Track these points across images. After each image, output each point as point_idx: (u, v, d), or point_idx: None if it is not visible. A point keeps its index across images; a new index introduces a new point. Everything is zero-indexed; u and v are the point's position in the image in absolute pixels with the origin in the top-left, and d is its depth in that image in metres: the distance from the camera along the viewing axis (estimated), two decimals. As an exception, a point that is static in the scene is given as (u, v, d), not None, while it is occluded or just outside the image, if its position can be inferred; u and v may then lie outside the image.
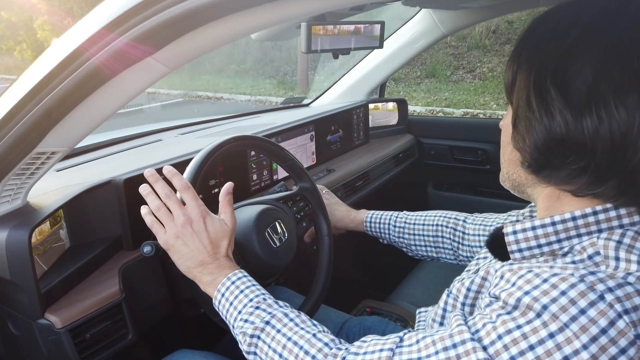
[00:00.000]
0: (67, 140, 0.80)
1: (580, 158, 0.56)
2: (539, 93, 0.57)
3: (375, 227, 1.18)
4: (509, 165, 0.68)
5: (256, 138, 1.07)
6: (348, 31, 1.22)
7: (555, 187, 0.62)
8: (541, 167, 0.60)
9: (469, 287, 0.71)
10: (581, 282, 0.51)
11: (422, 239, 1.12)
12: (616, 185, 0.56)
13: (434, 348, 0.59)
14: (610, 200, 0.58)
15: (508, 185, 0.71)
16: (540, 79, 0.57)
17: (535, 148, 0.59)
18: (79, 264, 0.90)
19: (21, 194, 0.88)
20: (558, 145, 0.57)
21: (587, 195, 0.58)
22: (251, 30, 0.65)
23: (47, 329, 0.81)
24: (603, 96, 0.53)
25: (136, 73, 0.70)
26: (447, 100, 7.93)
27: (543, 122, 0.57)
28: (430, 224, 1.11)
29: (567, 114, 0.54)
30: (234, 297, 0.77)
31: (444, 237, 1.09)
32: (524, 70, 0.60)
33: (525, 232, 0.63)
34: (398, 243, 1.16)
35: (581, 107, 0.54)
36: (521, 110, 0.60)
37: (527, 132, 0.59)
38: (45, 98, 0.70)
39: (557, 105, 0.55)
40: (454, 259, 1.09)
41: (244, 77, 11.21)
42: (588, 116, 0.54)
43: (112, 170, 1.06)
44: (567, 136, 0.55)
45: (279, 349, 0.69)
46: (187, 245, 0.80)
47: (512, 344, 0.53)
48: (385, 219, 1.17)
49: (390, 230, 1.16)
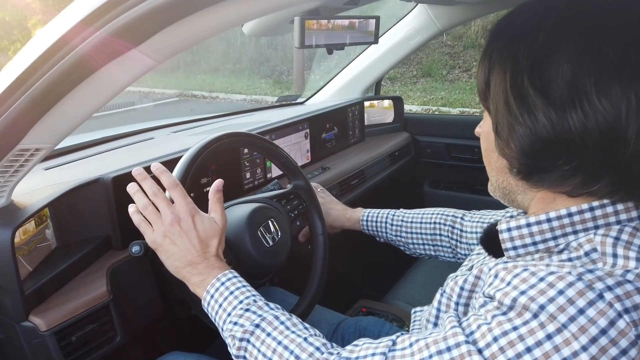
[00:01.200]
0: (51, 137, 0.77)
1: (572, 157, 0.54)
2: (517, 95, 0.55)
3: (372, 225, 1.16)
4: (497, 173, 0.66)
5: (249, 135, 1.05)
6: (342, 26, 1.19)
7: (548, 190, 0.60)
8: (531, 172, 0.58)
9: (462, 286, 0.69)
10: (579, 281, 0.50)
11: (419, 237, 1.10)
12: (611, 181, 0.54)
13: (427, 352, 0.57)
14: (607, 197, 0.56)
15: (499, 194, 0.69)
16: (517, 81, 0.55)
17: (522, 153, 0.57)
18: (65, 265, 0.88)
19: (5, 193, 0.85)
20: (546, 146, 0.54)
21: (582, 194, 0.56)
22: (241, 19, 0.63)
23: (31, 332, 0.78)
24: (585, 90, 0.51)
25: (122, 65, 0.67)
26: (443, 99, 7.93)
27: (527, 124, 0.54)
28: (428, 222, 1.09)
29: (551, 113, 0.52)
30: (223, 299, 0.74)
31: (442, 235, 1.07)
32: (496, 73, 0.58)
33: (520, 229, 0.61)
34: (395, 242, 1.14)
35: (564, 104, 0.52)
36: (501, 115, 0.58)
37: (510, 137, 0.57)
38: (27, 91, 0.68)
39: (539, 106, 0.53)
40: (452, 257, 1.07)
41: (239, 76, 11.17)
42: (573, 112, 0.52)
43: (101, 168, 1.03)
44: (555, 136, 0.53)
45: (269, 353, 0.67)
46: (176, 244, 0.77)
47: (508, 347, 0.51)
48: (381, 218, 1.14)
49: (387, 228, 1.14)
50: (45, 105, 0.70)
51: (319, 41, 1.16)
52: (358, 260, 1.96)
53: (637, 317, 0.48)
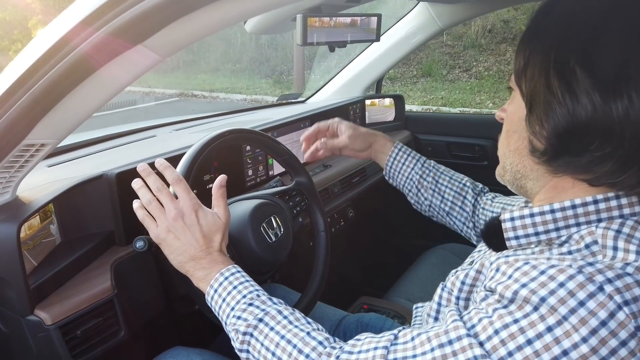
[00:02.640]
0: (56, 132, 0.78)
1: (606, 144, 0.53)
2: (561, 75, 0.54)
3: (401, 157, 1.08)
4: (513, 155, 0.65)
5: (252, 132, 1.05)
6: (344, 24, 1.20)
7: (570, 176, 0.59)
8: (558, 154, 0.57)
9: (463, 281, 0.69)
10: (579, 274, 0.50)
11: (444, 188, 1.04)
12: (637, 173, 0.53)
13: (429, 345, 0.57)
14: (626, 189, 0.55)
15: (508, 178, 0.68)
16: (563, 61, 0.54)
17: (555, 133, 0.55)
18: (69, 260, 0.88)
19: (10, 188, 0.86)
20: (582, 130, 0.53)
21: (604, 184, 0.56)
22: (244, 15, 0.63)
23: (36, 326, 0.79)
24: (634, 78, 0.50)
25: (126, 61, 0.68)
26: (444, 99, 7.94)
27: (566, 104, 0.53)
28: (458, 180, 1.04)
29: (596, 96, 0.51)
30: (226, 293, 0.75)
31: (466, 197, 1.02)
32: (539, 53, 0.57)
33: (523, 219, 0.61)
34: (415, 183, 1.06)
35: (611, 90, 0.51)
36: (538, 94, 0.57)
37: (545, 117, 0.56)
38: (33, 87, 0.68)
39: (584, 87, 0.52)
40: (461, 225, 1.04)
41: (240, 76, 11.18)
42: (618, 99, 0.51)
43: (104, 165, 1.04)
44: (594, 120, 0.52)
45: (272, 347, 0.67)
46: (179, 239, 0.78)
47: (509, 339, 0.51)
48: (414, 155, 1.08)
49: (415, 165, 1.06)
50: (50, 102, 0.71)
51: (321, 39, 1.16)
52: (359, 258, 1.97)
53: (636, 309, 0.48)
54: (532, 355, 0.50)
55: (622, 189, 0.55)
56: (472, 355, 0.53)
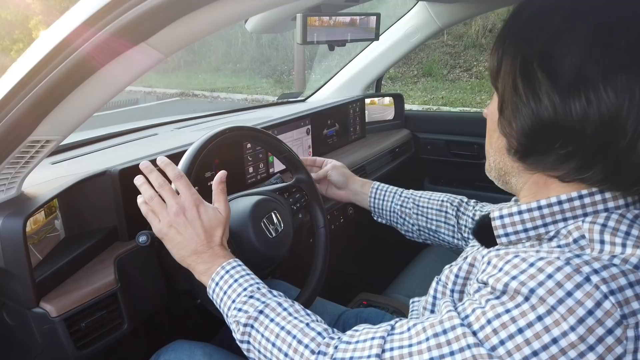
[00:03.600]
0: (61, 128, 0.80)
1: (569, 142, 0.55)
2: (525, 77, 0.57)
3: (380, 194, 1.16)
4: (495, 153, 0.68)
5: (252, 129, 1.07)
6: (344, 23, 1.22)
7: (542, 173, 0.61)
8: (528, 153, 0.60)
9: (457, 274, 0.71)
10: (567, 265, 0.52)
11: (425, 211, 1.10)
12: (603, 169, 0.55)
13: (424, 334, 0.59)
14: (597, 184, 0.57)
15: (493, 174, 0.71)
16: (527, 63, 0.56)
17: (523, 133, 0.58)
18: (74, 254, 0.90)
19: (15, 184, 0.88)
20: (546, 129, 0.56)
21: (575, 180, 0.58)
22: (246, 14, 0.65)
23: (42, 318, 0.81)
24: (591, 79, 0.52)
25: (129, 59, 0.69)
26: (444, 99, 7.95)
27: (530, 106, 0.56)
28: (436, 199, 1.10)
29: (555, 97, 0.54)
30: (227, 286, 0.77)
31: (448, 213, 1.07)
32: (509, 54, 0.59)
33: (511, 216, 0.63)
34: (398, 214, 1.14)
35: (569, 90, 0.53)
36: (507, 95, 0.59)
37: (513, 117, 0.58)
38: (38, 85, 0.70)
39: (545, 89, 0.54)
40: (451, 240, 1.08)
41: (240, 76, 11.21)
42: (577, 99, 0.53)
43: (107, 162, 1.06)
44: (555, 120, 0.55)
45: (272, 338, 0.69)
46: (181, 233, 0.80)
47: (501, 328, 0.53)
48: (391, 189, 1.16)
49: (394, 199, 1.14)
50: (55, 99, 0.73)
51: (321, 37, 1.18)
52: (359, 254, 1.98)
53: (622, 298, 0.50)
54: (523, 344, 0.51)
55: (592, 184, 0.57)
56: (466, 344, 0.55)
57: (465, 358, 0.54)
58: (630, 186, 0.56)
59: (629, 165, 0.54)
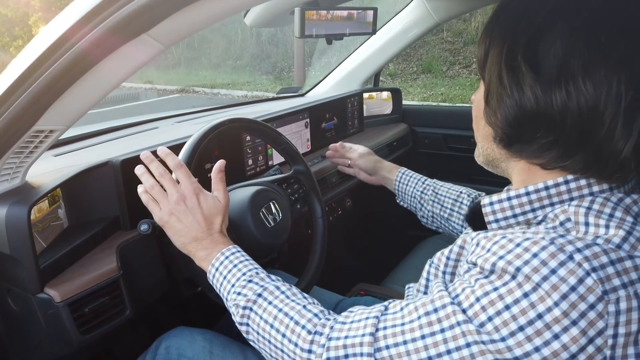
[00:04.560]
0: (65, 118, 0.82)
1: (550, 132, 0.58)
2: (510, 68, 0.59)
3: (405, 179, 1.25)
4: (483, 140, 0.70)
5: (251, 121, 1.09)
6: (341, 17, 1.24)
7: (526, 161, 0.64)
8: (512, 141, 0.62)
9: (448, 256, 0.74)
10: (551, 245, 0.54)
11: (442, 199, 1.17)
12: (583, 158, 0.58)
13: (416, 313, 0.62)
14: (578, 172, 0.59)
15: (482, 160, 0.73)
16: (512, 55, 0.58)
17: (507, 123, 0.60)
18: (77, 242, 0.92)
19: (20, 173, 0.90)
20: (528, 119, 0.58)
21: (556, 168, 0.60)
22: (244, 5, 0.67)
23: (46, 303, 0.83)
24: (572, 72, 0.54)
25: (131, 50, 0.71)
26: (443, 95, 7.97)
27: (514, 97, 0.58)
28: (456, 190, 1.17)
29: (537, 89, 0.56)
30: (227, 271, 0.79)
31: (462, 204, 1.13)
32: (496, 45, 0.61)
33: (501, 202, 0.65)
34: (418, 198, 1.22)
35: (551, 83, 0.55)
36: (493, 85, 0.62)
37: (498, 107, 0.61)
38: (42, 76, 0.72)
39: (528, 81, 0.57)
40: (460, 229, 1.13)
41: (240, 73, 11.22)
42: (557, 91, 0.55)
43: (109, 153, 1.08)
44: (537, 111, 0.57)
45: (270, 320, 0.71)
46: (181, 221, 0.82)
47: (489, 305, 0.55)
48: (416, 176, 1.25)
49: (417, 185, 1.23)
50: (59, 89, 0.75)
51: (319, 31, 1.20)
52: (357, 246, 2.01)
53: (603, 275, 0.52)
54: (510, 319, 0.53)
55: (574, 172, 0.60)
56: (455, 321, 0.57)
57: (455, 334, 0.57)
58: (610, 174, 0.58)
59: (608, 154, 0.56)
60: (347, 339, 0.65)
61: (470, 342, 0.56)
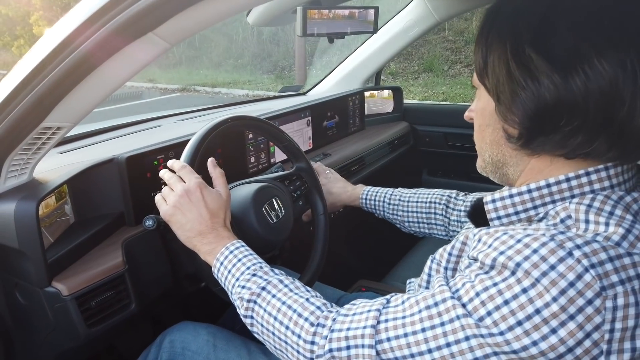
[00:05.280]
0: (72, 115, 0.83)
1: (574, 118, 0.57)
2: (520, 63, 0.59)
3: (370, 203, 1.22)
4: (491, 147, 0.70)
5: (254, 118, 1.10)
6: (343, 16, 1.25)
7: (547, 154, 0.63)
8: (534, 135, 0.61)
9: (450, 252, 0.75)
10: (551, 241, 0.55)
11: (415, 215, 1.16)
12: (606, 139, 0.57)
13: (417, 307, 0.63)
14: (601, 156, 0.59)
15: (489, 169, 0.73)
16: (518, 50, 0.59)
17: (526, 117, 0.60)
18: (83, 238, 0.94)
19: (27, 170, 0.91)
20: (550, 109, 0.58)
21: (579, 155, 0.60)
22: (248, 5, 0.68)
23: (54, 297, 0.84)
24: (585, 55, 0.55)
25: (138, 48, 0.73)
26: (445, 94, 7.96)
27: (530, 89, 0.58)
28: (424, 201, 1.15)
29: (555, 77, 0.56)
30: (232, 265, 0.80)
31: (437, 214, 1.13)
32: (495, 49, 0.62)
33: (503, 200, 0.66)
34: (392, 219, 1.20)
35: (567, 68, 0.56)
36: (502, 84, 0.62)
37: (514, 103, 0.60)
38: (51, 73, 0.74)
39: (543, 70, 0.57)
40: (445, 235, 1.13)
41: (241, 72, 11.22)
42: (576, 75, 0.55)
43: (113, 151, 1.09)
44: (557, 98, 0.57)
45: (274, 312, 0.73)
46: (186, 215, 0.84)
47: (488, 300, 0.56)
48: (380, 196, 1.21)
49: (384, 206, 1.20)
50: (66, 87, 0.76)
51: (321, 30, 1.21)
52: (358, 244, 2.02)
53: (602, 272, 0.53)
54: (509, 314, 0.54)
55: (596, 157, 0.60)
56: (455, 315, 0.58)
57: (455, 328, 0.58)
58: (632, 151, 0.59)
59: (630, 133, 0.57)
60: (349, 331, 0.66)
61: (469, 335, 0.57)
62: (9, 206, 0.83)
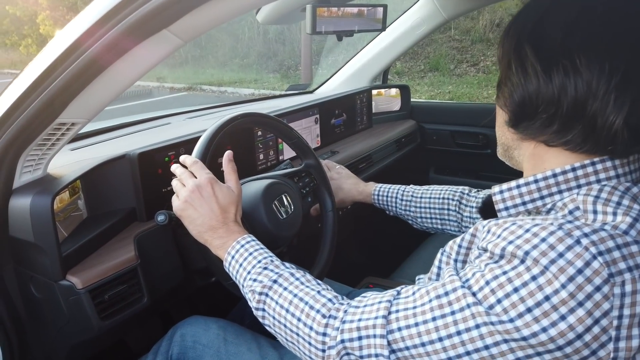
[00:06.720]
0: (87, 111, 0.85)
1: (549, 106, 0.62)
2: (517, 54, 0.64)
3: (383, 200, 1.23)
4: (499, 130, 0.74)
5: (263, 115, 1.11)
6: (351, 13, 1.26)
7: (532, 140, 0.67)
8: (519, 119, 0.66)
9: (460, 244, 0.76)
10: (560, 230, 0.56)
11: (428, 211, 1.16)
12: (581, 132, 0.61)
13: (428, 297, 0.64)
14: (578, 147, 0.62)
15: (501, 152, 0.76)
16: (520, 43, 0.64)
17: (514, 103, 0.65)
18: (96, 232, 0.95)
19: (42, 165, 0.93)
20: (532, 98, 0.63)
21: (558, 144, 0.63)
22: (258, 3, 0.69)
23: (68, 290, 0.86)
24: (570, 55, 0.59)
25: (152, 45, 0.74)
26: (451, 93, 7.95)
27: (520, 79, 0.63)
28: (437, 197, 1.15)
29: (539, 70, 0.61)
30: (243, 259, 0.82)
31: (450, 210, 1.13)
32: (508, 40, 0.66)
33: (510, 190, 0.68)
34: (404, 215, 1.21)
35: (551, 63, 0.60)
36: (503, 73, 0.67)
37: (508, 91, 0.66)
38: (67, 69, 0.75)
39: (531, 63, 0.62)
40: (457, 230, 1.13)
41: (247, 71, 11.25)
42: (556, 69, 0.60)
43: (124, 147, 1.10)
44: (538, 88, 0.62)
45: (285, 305, 0.74)
46: (197, 210, 0.85)
47: (498, 288, 0.57)
48: (392, 192, 1.22)
49: (397, 203, 1.21)
50: (82, 83, 0.78)
51: (329, 28, 1.22)
52: (365, 241, 2.03)
53: (609, 259, 0.54)
54: (518, 301, 0.55)
55: (574, 147, 0.63)
56: (465, 304, 0.59)
57: (465, 316, 0.59)
58: (604, 147, 0.61)
59: (601, 127, 0.59)
60: (361, 322, 0.67)
61: (479, 323, 0.58)
62: (24, 200, 0.85)
